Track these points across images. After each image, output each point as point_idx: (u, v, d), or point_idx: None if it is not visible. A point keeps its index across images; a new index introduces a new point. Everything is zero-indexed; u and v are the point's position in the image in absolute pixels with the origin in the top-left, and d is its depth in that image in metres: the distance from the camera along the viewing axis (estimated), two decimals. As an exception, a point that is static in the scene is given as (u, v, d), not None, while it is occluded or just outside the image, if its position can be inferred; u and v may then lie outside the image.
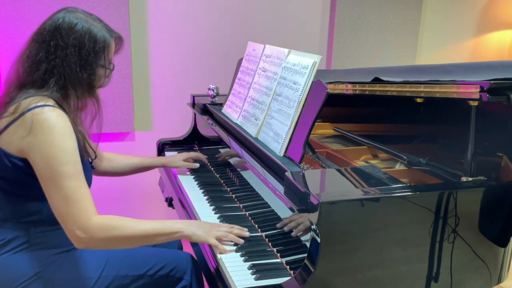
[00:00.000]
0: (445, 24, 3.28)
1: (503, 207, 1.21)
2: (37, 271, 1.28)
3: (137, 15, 2.51)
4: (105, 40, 1.31)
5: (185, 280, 1.44)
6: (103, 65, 1.33)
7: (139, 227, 1.26)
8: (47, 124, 1.19)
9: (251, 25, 2.77)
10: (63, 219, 1.20)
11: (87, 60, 1.29)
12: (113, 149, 2.58)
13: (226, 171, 1.85)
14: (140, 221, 1.29)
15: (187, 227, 1.32)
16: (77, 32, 1.27)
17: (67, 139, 1.21)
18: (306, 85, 1.36)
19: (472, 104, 1.21)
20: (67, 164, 1.19)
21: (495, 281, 1.26)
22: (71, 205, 1.19)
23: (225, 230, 1.35)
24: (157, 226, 1.29)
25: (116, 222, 1.24)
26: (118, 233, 1.23)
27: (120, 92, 2.52)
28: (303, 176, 1.18)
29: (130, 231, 1.25)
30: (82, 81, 1.29)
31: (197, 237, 1.31)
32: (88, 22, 1.29)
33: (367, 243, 1.09)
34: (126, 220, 1.27)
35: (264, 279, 1.18)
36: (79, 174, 1.22)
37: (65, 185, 1.19)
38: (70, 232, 1.21)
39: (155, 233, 1.28)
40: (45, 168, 1.19)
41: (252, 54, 1.80)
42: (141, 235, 1.26)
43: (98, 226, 1.21)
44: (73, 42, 1.27)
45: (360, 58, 3.04)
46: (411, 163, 1.48)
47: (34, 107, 1.20)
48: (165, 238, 1.30)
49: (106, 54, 1.33)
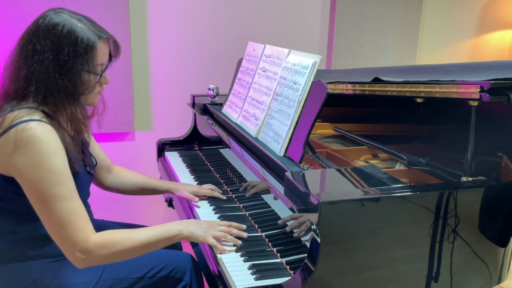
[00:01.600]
0: (445, 24, 3.28)
1: (503, 207, 1.21)
2: (34, 279, 1.26)
3: (137, 15, 2.51)
4: (88, 42, 1.18)
5: (185, 281, 1.44)
6: (88, 70, 1.20)
7: (138, 237, 1.23)
8: (31, 142, 1.10)
9: (251, 25, 2.77)
10: (61, 242, 1.16)
11: (66, 65, 1.17)
12: (113, 149, 2.58)
13: (226, 171, 1.85)
14: (137, 230, 1.26)
15: (185, 227, 1.30)
16: (56, 34, 1.16)
17: (55, 158, 1.13)
18: (306, 85, 1.36)
19: (472, 104, 1.21)
20: (57, 186, 1.12)
21: (495, 281, 1.26)
22: (66, 228, 1.13)
23: (223, 229, 1.34)
24: (156, 232, 1.26)
25: (115, 237, 1.20)
26: (119, 248, 1.19)
27: (120, 92, 2.52)
28: (303, 176, 1.18)
29: (131, 243, 1.21)
30: (62, 89, 1.17)
31: (196, 236, 1.30)
32: (71, 22, 1.18)
33: (367, 243, 1.09)
34: (124, 233, 1.24)
35: (264, 279, 1.18)
36: (71, 193, 1.15)
37: (58, 208, 1.12)
38: (70, 255, 1.17)
39: (155, 240, 1.25)
40: (34, 191, 1.13)
41: (252, 54, 1.80)
42: (142, 245, 1.23)
43: (97, 245, 1.16)
44: (50, 45, 1.16)
45: (360, 58, 3.04)
46: (411, 163, 1.48)
47: (18, 123, 1.11)
48: (165, 243, 1.28)
49: (91, 57, 1.20)
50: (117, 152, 2.61)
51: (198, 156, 2.18)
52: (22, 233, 1.25)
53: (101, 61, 1.24)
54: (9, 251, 1.26)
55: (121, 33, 2.45)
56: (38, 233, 1.24)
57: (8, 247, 1.26)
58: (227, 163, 1.88)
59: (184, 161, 2.10)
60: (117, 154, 2.59)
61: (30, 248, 1.26)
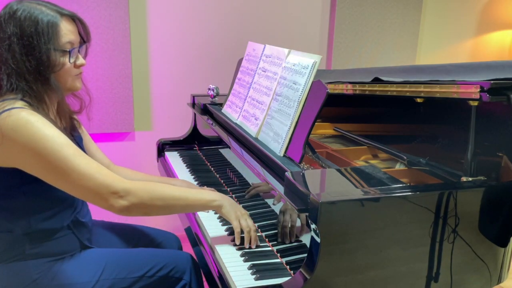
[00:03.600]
0: (445, 24, 3.28)
1: (503, 207, 1.21)
2: (34, 279, 1.26)
3: (137, 15, 2.51)
4: (49, 21, 1.19)
5: (185, 280, 1.44)
6: (54, 48, 1.20)
7: (176, 190, 1.26)
8: (18, 125, 1.10)
9: (251, 25, 2.77)
10: (93, 193, 1.13)
11: (30, 46, 1.17)
12: (113, 149, 2.59)
13: (226, 171, 1.85)
14: (174, 187, 1.29)
15: (222, 198, 1.34)
16: (16, 18, 1.18)
17: (47, 127, 1.12)
18: (306, 85, 1.36)
19: (472, 104, 1.21)
20: (62, 148, 1.11)
21: (495, 281, 1.25)
22: (94, 176, 1.12)
23: (250, 224, 1.34)
24: (194, 192, 1.29)
25: (153, 184, 1.23)
26: (158, 193, 1.20)
27: (120, 92, 2.52)
28: (303, 176, 1.18)
29: (170, 193, 1.23)
30: (32, 70, 1.18)
31: (227, 212, 1.33)
32: (30, 6, 1.19)
33: (367, 243, 1.09)
34: (161, 185, 1.26)
35: (264, 279, 1.18)
36: (79, 151, 1.15)
37: (75, 164, 1.11)
38: (106, 201, 1.14)
39: (193, 197, 1.28)
40: (43, 164, 1.12)
41: (252, 54, 1.80)
42: (181, 198, 1.25)
43: (135, 186, 1.17)
44: (14, 30, 1.17)
45: (360, 58, 3.04)
46: (411, 163, 1.47)
47: (0, 112, 1.12)
48: (201, 203, 1.31)
49: (54, 35, 1.19)
50: (117, 152, 2.61)
51: (198, 156, 2.18)
52: (17, 231, 1.25)
53: (68, 39, 1.23)
54: (7, 251, 1.26)
55: (121, 33, 2.45)
56: (33, 230, 1.23)
57: (6, 246, 1.26)
58: (227, 163, 1.88)
59: (184, 161, 2.10)
60: (117, 154, 2.59)
61: (28, 246, 1.26)
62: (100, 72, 2.44)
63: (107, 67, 2.43)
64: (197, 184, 1.82)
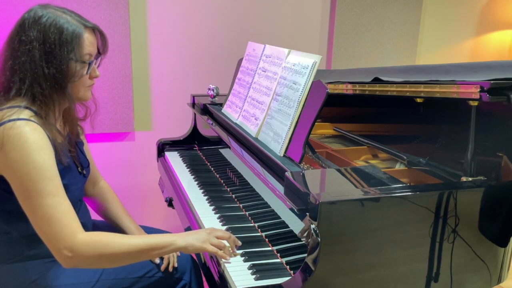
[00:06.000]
0: (445, 24, 3.28)
1: (503, 207, 1.21)
2: (33, 279, 1.26)
3: (137, 15, 2.51)
4: (73, 31, 1.20)
5: (185, 280, 1.44)
6: (75, 59, 1.21)
7: (129, 242, 1.18)
8: (18, 140, 1.11)
9: (251, 25, 2.77)
10: (47, 239, 1.13)
11: (52, 53, 1.18)
12: (113, 149, 2.58)
13: (226, 171, 1.85)
14: (130, 236, 1.24)
15: (182, 237, 1.23)
16: (41, 24, 1.18)
17: (41, 154, 1.12)
18: (306, 85, 1.36)
19: (472, 104, 1.21)
20: (42, 181, 1.11)
21: (495, 281, 1.25)
22: (52, 224, 1.11)
23: (221, 236, 1.27)
24: (149, 240, 1.20)
25: (105, 238, 1.16)
26: (108, 250, 1.14)
27: (120, 92, 2.52)
28: (303, 176, 1.18)
29: (121, 247, 1.16)
30: (49, 77, 1.18)
31: (193, 247, 1.22)
32: (55, 14, 1.20)
33: (367, 243, 1.09)
34: (115, 236, 1.20)
35: (264, 279, 1.18)
36: (57, 189, 1.14)
37: (43, 204, 1.11)
38: (56, 252, 1.13)
39: (147, 247, 1.19)
40: (20, 187, 1.12)
41: (252, 54, 1.80)
42: (132, 251, 1.17)
43: (85, 243, 1.12)
44: (37, 35, 1.17)
45: (360, 58, 3.04)
46: (411, 163, 1.47)
47: (6, 122, 1.13)
48: (158, 252, 1.21)
49: (77, 46, 1.21)
50: (117, 152, 2.60)
51: (198, 156, 2.18)
52: (14, 233, 1.25)
53: (88, 51, 1.25)
54: (6, 252, 1.26)
55: (121, 33, 2.45)
56: (31, 232, 1.22)
57: (4, 248, 1.26)
58: (227, 163, 1.88)
59: (184, 161, 2.10)
60: (117, 154, 2.59)
61: (26, 248, 1.26)
62: (100, 72, 2.44)
63: (107, 67, 2.43)
64: (197, 184, 1.82)
